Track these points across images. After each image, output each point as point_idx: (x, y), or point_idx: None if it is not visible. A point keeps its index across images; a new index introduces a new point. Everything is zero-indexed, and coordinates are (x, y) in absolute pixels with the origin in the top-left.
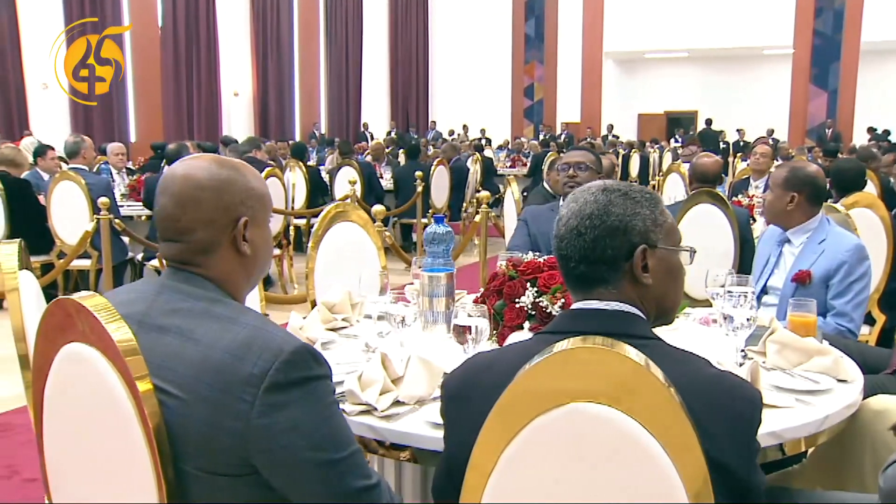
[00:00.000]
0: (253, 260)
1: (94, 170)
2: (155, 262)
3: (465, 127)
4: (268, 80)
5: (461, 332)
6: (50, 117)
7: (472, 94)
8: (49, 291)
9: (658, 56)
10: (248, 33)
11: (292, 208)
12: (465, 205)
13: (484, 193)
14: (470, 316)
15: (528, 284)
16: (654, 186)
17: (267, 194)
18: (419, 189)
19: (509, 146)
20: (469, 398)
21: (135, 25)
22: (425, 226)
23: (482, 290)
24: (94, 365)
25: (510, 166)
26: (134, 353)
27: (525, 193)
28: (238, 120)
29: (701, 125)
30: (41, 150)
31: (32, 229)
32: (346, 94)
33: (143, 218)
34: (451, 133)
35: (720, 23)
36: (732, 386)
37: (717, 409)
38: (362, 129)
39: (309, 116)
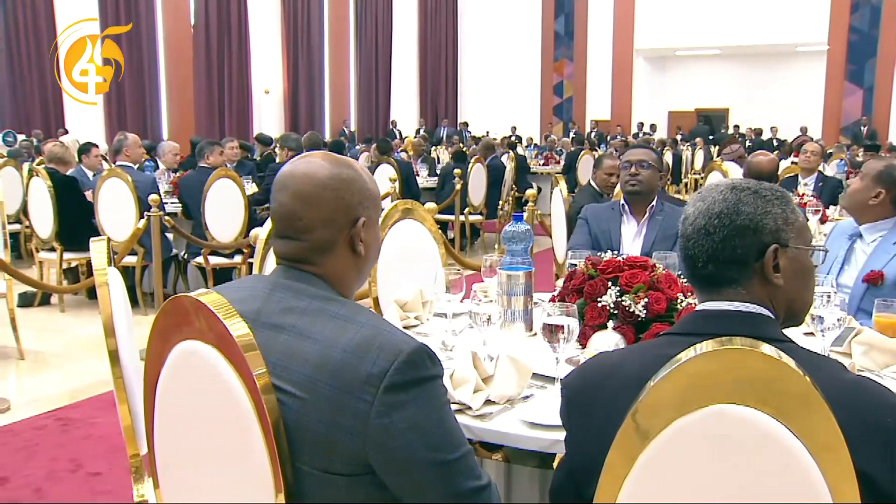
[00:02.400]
0: (365, 260)
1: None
2: (199, 260)
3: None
4: (298, 78)
5: (553, 332)
6: (84, 115)
7: (501, 92)
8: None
9: (689, 53)
10: (279, 31)
11: None
12: (501, 202)
13: (530, 191)
14: (550, 315)
15: (610, 283)
16: (686, 185)
17: (379, 195)
18: (458, 187)
19: (535, 143)
20: (593, 401)
21: (168, 24)
22: (462, 223)
23: (558, 288)
24: (210, 362)
25: (543, 164)
26: (252, 348)
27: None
28: (269, 117)
29: (733, 122)
30: (86, 148)
31: (79, 226)
32: (375, 91)
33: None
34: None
35: (753, 20)
36: (874, 393)
37: (859, 417)
38: (391, 126)
39: (339, 114)
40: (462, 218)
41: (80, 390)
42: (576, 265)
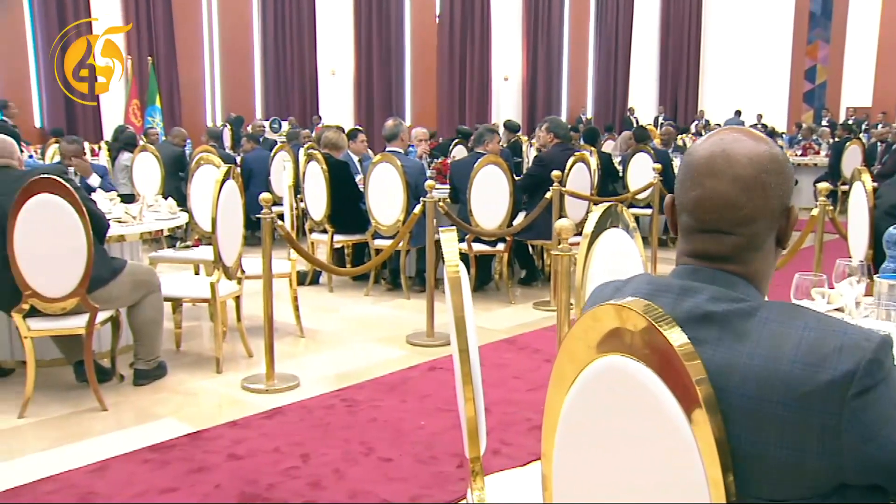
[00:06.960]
0: (781, 253)
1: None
2: (461, 246)
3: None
4: (537, 64)
5: None
6: (336, 102)
7: (745, 77)
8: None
9: None
10: (520, 18)
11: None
12: None
13: (822, 185)
14: None
15: None
16: None
17: None
18: None
19: (782, 132)
20: None
21: (413, 14)
22: None
23: None
24: (639, 380)
25: (801, 154)
26: (693, 358)
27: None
28: (507, 104)
29: None
30: (353, 134)
31: (348, 209)
32: (613, 77)
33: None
34: (737, 115)
35: None
36: None
37: None
38: (627, 113)
39: (576, 100)
40: None
41: (359, 371)
42: None
